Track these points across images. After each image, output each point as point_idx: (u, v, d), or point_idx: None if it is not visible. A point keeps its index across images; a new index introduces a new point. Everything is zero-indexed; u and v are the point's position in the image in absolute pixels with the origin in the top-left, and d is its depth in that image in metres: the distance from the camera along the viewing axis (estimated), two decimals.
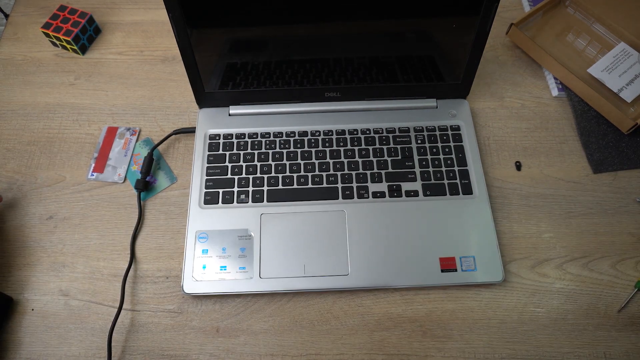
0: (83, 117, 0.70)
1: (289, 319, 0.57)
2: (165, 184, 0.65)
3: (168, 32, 0.78)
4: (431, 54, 0.62)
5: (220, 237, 0.59)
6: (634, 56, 0.70)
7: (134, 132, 0.69)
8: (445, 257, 0.58)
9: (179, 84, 0.73)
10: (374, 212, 0.60)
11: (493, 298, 0.58)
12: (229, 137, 0.66)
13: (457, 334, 0.56)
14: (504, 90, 0.72)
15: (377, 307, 0.57)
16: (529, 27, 0.76)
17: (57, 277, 0.59)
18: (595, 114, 0.69)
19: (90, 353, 0.55)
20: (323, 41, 0.60)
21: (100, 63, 0.75)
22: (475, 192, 0.62)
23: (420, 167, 0.63)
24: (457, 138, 0.65)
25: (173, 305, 0.58)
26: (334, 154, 0.64)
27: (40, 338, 0.56)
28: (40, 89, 0.73)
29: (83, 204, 0.64)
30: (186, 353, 0.55)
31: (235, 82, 0.65)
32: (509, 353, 0.55)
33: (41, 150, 0.68)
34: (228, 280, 0.57)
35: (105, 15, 0.80)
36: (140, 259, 0.60)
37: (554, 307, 0.57)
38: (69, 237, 0.61)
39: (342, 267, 0.57)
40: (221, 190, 0.62)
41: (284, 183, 0.62)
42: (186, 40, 0.59)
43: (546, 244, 0.61)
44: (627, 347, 0.55)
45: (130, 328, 0.57)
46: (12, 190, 0.65)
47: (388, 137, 0.65)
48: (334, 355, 0.55)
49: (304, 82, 0.65)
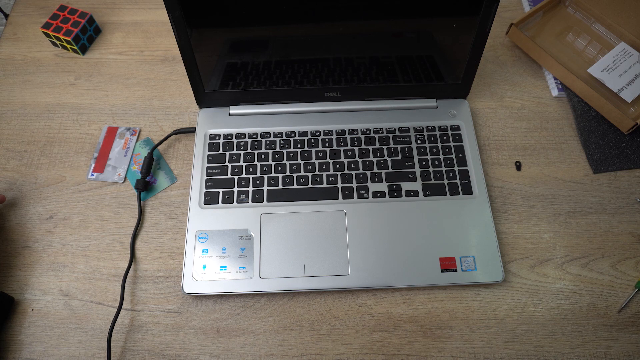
0: (83, 117, 0.70)
1: (288, 319, 0.57)
2: (165, 184, 0.65)
3: (168, 32, 0.78)
4: (431, 54, 0.62)
5: (220, 237, 0.59)
6: (634, 56, 0.70)
7: (134, 132, 0.69)
8: (445, 257, 0.58)
9: (179, 84, 0.73)
10: (374, 212, 0.60)
11: (493, 298, 0.58)
12: (229, 137, 0.66)
13: (457, 334, 0.56)
14: (503, 90, 0.72)
15: (377, 307, 0.57)
16: (529, 27, 0.76)
17: (57, 277, 0.59)
18: (595, 114, 0.69)
19: (90, 353, 0.55)
20: (323, 41, 0.60)
21: (101, 63, 0.75)
22: (475, 192, 0.62)
23: (420, 167, 0.63)
24: (457, 138, 0.65)
25: (173, 305, 0.58)
26: (334, 154, 0.64)
27: (40, 338, 0.56)
28: (40, 89, 0.73)
29: (83, 204, 0.64)
30: (186, 353, 0.55)
31: (235, 82, 0.65)
32: (509, 353, 0.55)
33: (41, 150, 0.68)
34: (228, 280, 0.57)
35: (105, 15, 0.80)
36: (140, 259, 0.60)
37: (554, 307, 0.57)
38: (69, 237, 0.62)
39: (342, 267, 0.57)
40: (221, 190, 0.62)
41: (284, 183, 0.62)
42: (186, 40, 0.59)
43: (546, 244, 0.61)
44: (627, 347, 0.55)
45: (130, 328, 0.57)
46: (12, 190, 0.65)
47: (388, 137, 0.65)
48: (334, 355, 0.55)
49: (304, 82, 0.65)
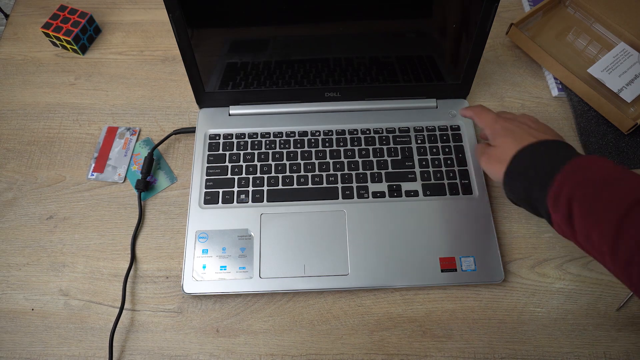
0: (83, 117, 0.70)
1: (288, 318, 0.57)
2: (165, 184, 0.65)
3: (168, 32, 0.78)
4: (431, 54, 0.62)
5: (220, 237, 0.59)
6: (634, 56, 0.70)
7: (134, 132, 0.69)
8: (445, 257, 0.58)
9: (179, 84, 0.73)
10: (374, 212, 0.60)
11: (493, 298, 0.58)
12: (229, 137, 0.66)
13: (457, 333, 0.56)
14: (504, 90, 0.72)
15: (377, 307, 0.57)
16: (529, 27, 0.76)
17: (57, 277, 0.59)
18: (595, 114, 0.69)
19: (90, 353, 0.55)
20: (323, 41, 0.60)
21: (101, 63, 0.75)
22: (475, 192, 0.62)
23: (420, 167, 0.63)
24: (457, 138, 0.65)
25: (173, 305, 0.58)
26: (334, 154, 0.64)
27: (40, 338, 0.56)
28: (40, 88, 0.73)
29: (83, 204, 0.64)
30: (186, 353, 0.55)
31: (235, 82, 0.65)
32: (509, 353, 0.55)
33: (41, 150, 0.68)
34: (228, 280, 0.57)
35: (105, 15, 0.80)
36: (140, 259, 0.60)
37: (553, 307, 0.57)
38: (69, 237, 0.62)
39: (342, 267, 0.57)
40: (221, 190, 0.62)
41: (284, 183, 0.62)
42: (186, 40, 0.59)
43: (546, 244, 0.61)
44: (627, 347, 0.55)
45: (130, 328, 0.57)
46: (12, 190, 0.65)
47: (388, 137, 0.65)
48: (334, 355, 0.55)
49: (304, 82, 0.65)
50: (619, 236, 0.39)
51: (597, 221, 0.41)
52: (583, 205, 0.42)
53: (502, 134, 0.52)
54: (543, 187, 0.45)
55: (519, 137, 0.50)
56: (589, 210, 0.41)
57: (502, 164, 0.50)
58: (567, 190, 0.43)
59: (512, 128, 0.52)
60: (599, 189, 0.42)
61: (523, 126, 0.52)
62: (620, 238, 0.39)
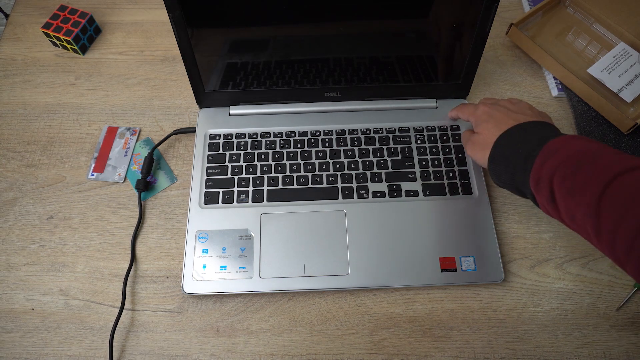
0: (83, 117, 0.70)
1: (288, 318, 0.57)
2: (165, 183, 0.65)
3: (168, 32, 0.78)
4: (431, 54, 0.62)
5: (220, 237, 0.59)
6: (634, 56, 0.70)
7: (134, 132, 0.69)
8: (445, 257, 0.58)
9: (179, 84, 0.73)
10: (374, 212, 0.60)
11: (493, 298, 0.58)
12: (229, 137, 0.66)
13: (457, 333, 0.56)
14: (504, 90, 0.72)
15: (377, 307, 0.57)
16: (528, 27, 0.76)
17: (57, 277, 0.59)
18: (595, 114, 0.69)
19: (90, 353, 0.55)
20: (323, 41, 0.60)
21: (101, 63, 0.75)
22: (475, 192, 0.62)
23: (420, 167, 0.63)
24: (457, 138, 0.65)
25: (173, 305, 0.58)
26: (334, 154, 0.64)
27: (40, 338, 0.56)
28: (41, 89, 0.73)
29: (83, 204, 0.64)
30: (186, 353, 0.55)
31: (235, 82, 0.65)
32: (509, 353, 0.55)
33: (41, 150, 0.68)
34: (228, 280, 0.57)
35: (105, 15, 0.80)
36: (140, 259, 0.60)
37: (553, 307, 0.57)
38: (69, 237, 0.62)
39: (341, 267, 0.57)
40: (221, 190, 0.62)
41: (284, 183, 0.62)
42: (186, 40, 0.59)
43: (546, 244, 0.61)
44: (627, 347, 0.55)
45: (130, 328, 0.57)
46: (12, 190, 0.65)
47: (388, 137, 0.65)
48: (334, 355, 0.55)
49: (304, 82, 0.65)
50: (599, 216, 0.39)
51: (578, 203, 0.41)
52: (563, 186, 0.42)
53: (484, 119, 0.53)
54: (525, 170, 0.45)
55: (500, 121, 0.50)
56: (569, 190, 0.42)
57: (486, 150, 0.50)
58: (546, 172, 0.43)
59: (492, 113, 0.52)
60: (576, 168, 0.42)
61: (503, 109, 0.52)
62: (601, 217, 0.39)
